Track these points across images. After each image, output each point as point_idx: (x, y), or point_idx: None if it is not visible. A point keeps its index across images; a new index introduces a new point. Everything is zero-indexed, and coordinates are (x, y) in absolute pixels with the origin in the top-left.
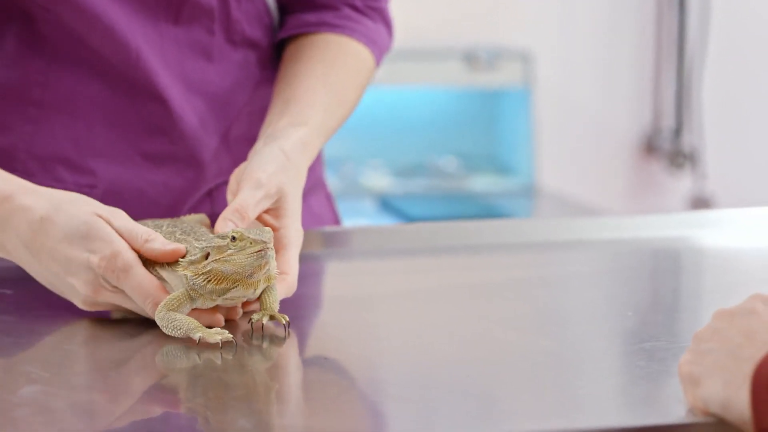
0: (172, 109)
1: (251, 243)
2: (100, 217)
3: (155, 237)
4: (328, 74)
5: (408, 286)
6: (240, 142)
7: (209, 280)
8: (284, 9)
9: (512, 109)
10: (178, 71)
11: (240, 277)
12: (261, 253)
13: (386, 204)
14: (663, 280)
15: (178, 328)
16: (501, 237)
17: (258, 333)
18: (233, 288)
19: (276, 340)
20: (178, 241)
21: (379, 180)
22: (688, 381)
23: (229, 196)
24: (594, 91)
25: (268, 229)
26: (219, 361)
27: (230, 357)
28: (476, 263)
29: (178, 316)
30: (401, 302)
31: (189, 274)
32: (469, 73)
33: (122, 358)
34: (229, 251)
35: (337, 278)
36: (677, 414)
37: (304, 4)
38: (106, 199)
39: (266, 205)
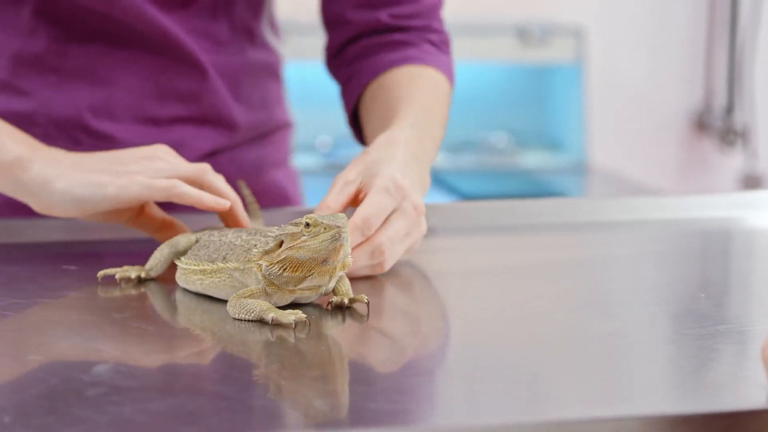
0: (207, 73)
1: (325, 228)
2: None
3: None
4: (413, 94)
5: (462, 265)
6: (256, 104)
7: (284, 268)
8: (362, 54)
9: (564, 86)
10: (203, 43)
11: (315, 264)
12: (336, 236)
13: (437, 179)
14: (719, 262)
15: (251, 311)
16: (549, 216)
17: (336, 312)
18: (309, 276)
19: (353, 319)
20: (246, 241)
21: None
22: None
23: (342, 185)
24: (645, 68)
25: (342, 214)
26: (293, 339)
27: (303, 336)
28: (530, 242)
29: (251, 300)
30: (452, 281)
31: (264, 263)
32: (521, 48)
33: (193, 333)
34: (303, 237)
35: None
36: (758, 399)
37: (385, 45)
38: None
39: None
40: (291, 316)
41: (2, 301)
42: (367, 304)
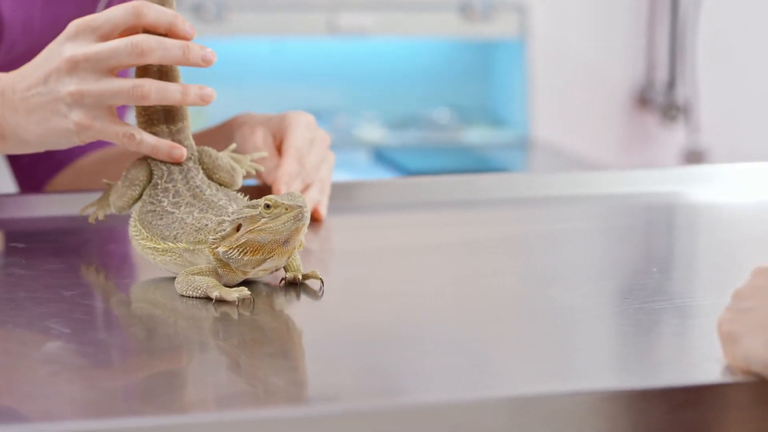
0: None
1: (287, 209)
2: None
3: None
4: None
5: (404, 240)
6: None
7: (245, 252)
8: None
9: (507, 61)
10: None
11: (277, 245)
12: (298, 215)
13: (380, 156)
14: (664, 236)
15: (197, 288)
16: (496, 191)
17: (289, 288)
18: (269, 257)
19: (306, 295)
20: (197, 219)
21: (373, 132)
22: (728, 340)
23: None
24: (588, 44)
25: (299, 193)
26: (236, 316)
27: (247, 314)
28: (473, 218)
29: (198, 277)
30: (397, 257)
31: (222, 249)
32: (464, 23)
33: (145, 310)
34: (263, 219)
35: (339, 232)
36: (715, 373)
37: None
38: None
39: None
40: (234, 293)
41: None
42: (321, 280)
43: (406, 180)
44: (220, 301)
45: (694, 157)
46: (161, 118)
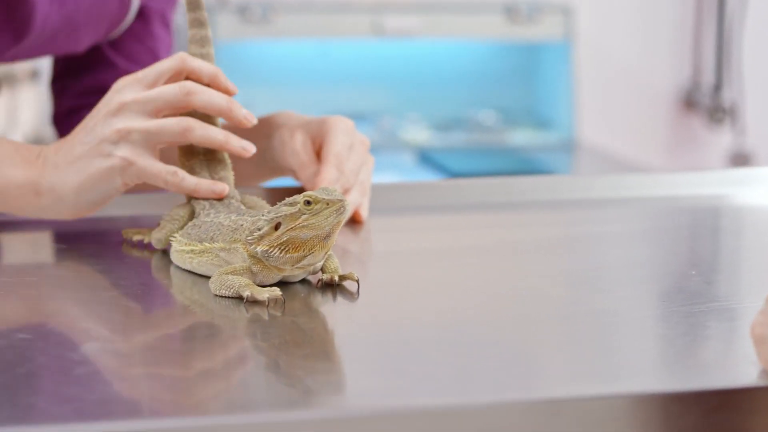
0: None
1: (327, 204)
2: None
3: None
4: None
5: (445, 242)
6: None
7: (286, 250)
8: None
9: (552, 63)
10: None
11: (318, 240)
12: (339, 209)
13: (425, 158)
14: (709, 239)
15: (230, 287)
16: (538, 194)
17: (326, 290)
18: (311, 253)
19: (343, 297)
20: (233, 221)
21: (418, 133)
22: (760, 343)
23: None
24: (633, 46)
25: (334, 188)
26: (266, 317)
27: (279, 314)
28: (515, 220)
29: (232, 276)
30: (440, 259)
31: (261, 248)
32: (509, 26)
33: (182, 311)
34: (304, 216)
35: (379, 234)
36: (752, 376)
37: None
38: None
39: None
40: (266, 293)
41: None
42: (357, 281)
43: (450, 182)
44: (252, 301)
45: (740, 159)
46: (204, 167)
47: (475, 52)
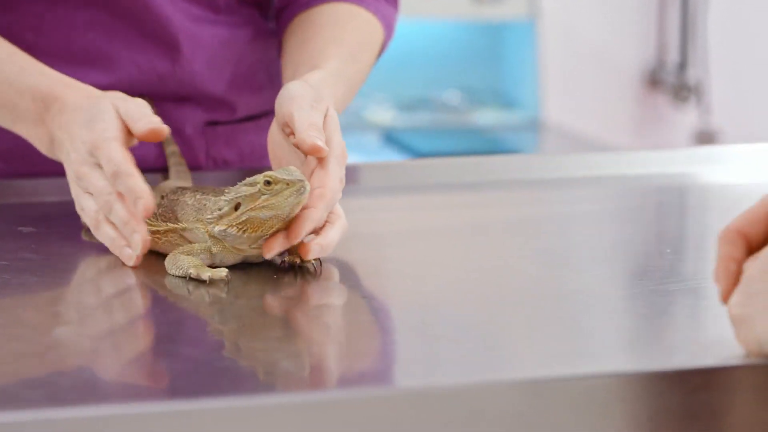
0: (182, 54)
1: (288, 184)
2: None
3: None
4: (340, 35)
5: (415, 223)
6: (243, 88)
7: (245, 230)
8: None
9: (517, 43)
10: (187, 18)
11: (278, 221)
12: (300, 189)
13: (390, 138)
14: (676, 218)
15: (180, 267)
16: (507, 173)
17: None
18: (269, 234)
19: (310, 279)
20: (198, 201)
21: (383, 114)
22: (739, 323)
23: (277, 127)
24: (598, 25)
25: (294, 168)
26: (208, 299)
27: (224, 295)
28: (483, 200)
29: (183, 256)
30: (408, 239)
31: (220, 227)
32: (474, 5)
33: (153, 293)
34: (264, 197)
35: (346, 215)
36: (726, 356)
37: None
38: None
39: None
40: (208, 272)
41: None
42: (319, 261)
43: (416, 162)
44: (197, 280)
45: (705, 137)
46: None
47: (439, 31)
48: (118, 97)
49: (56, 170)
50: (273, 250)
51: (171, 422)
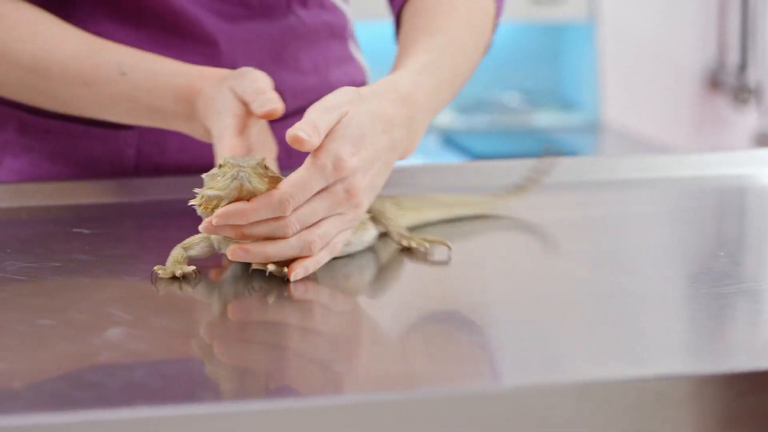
0: (221, 51)
1: (230, 167)
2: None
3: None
4: (438, 21)
5: (474, 224)
6: (298, 93)
7: (204, 208)
8: None
9: (576, 44)
10: (220, 18)
11: (221, 202)
12: (234, 174)
13: (449, 140)
14: (735, 220)
15: (168, 263)
16: (564, 175)
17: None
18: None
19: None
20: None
21: (442, 116)
22: None
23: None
24: (658, 26)
25: (258, 156)
26: (271, 299)
27: (191, 288)
28: (541, 202)
29: (174, 250)
30: (464, 240)
31: (194, 203)
32: (534, 6)
33: (204, 295)
34: (218, 177)
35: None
36: None
37: None
38: (146, 146)
39: (333, 119)
40: (177, 270)
41: (13, 265)
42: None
43: (474, 164)
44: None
45: (765, 140)
46: None
47: (499, 33)
48: (234, 77)
49: (111, 172)
50: (236, 257)
51: (221, 424)
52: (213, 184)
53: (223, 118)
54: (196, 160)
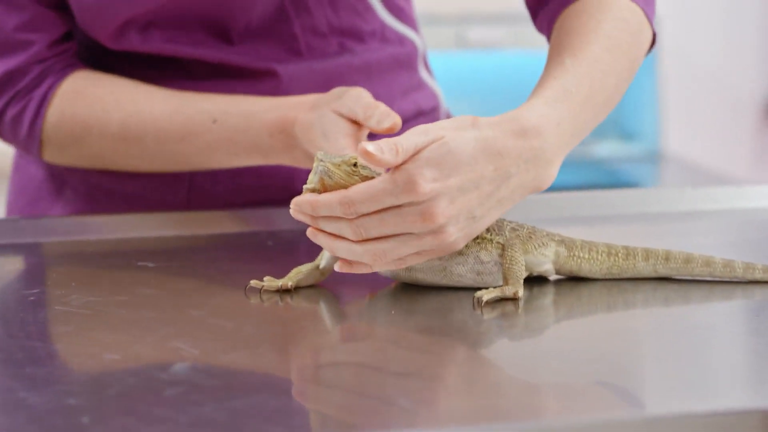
0: (281, 87)
1: (316, 162)
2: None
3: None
4: (580, 41)
5: None
6: None
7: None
8: None
9: (637, 74)
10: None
11: (313, 191)
12: (315, 168)
13: None
14: None
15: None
16: (624, 207)
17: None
18: None
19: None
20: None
21: None
22: None
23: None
24: (719, 56)
25: (348, 155)
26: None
27: (253, 301)
28: (608, 233)
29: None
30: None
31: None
32: None
33: (272, 329)
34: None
35: None
36: None
37: None
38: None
39: (422, 142)
40: (268, 282)
41: (78, 299)
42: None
43: (538, 196)
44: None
45: None
46: None
47: None
48: (333, 99)
49: (163, 205)
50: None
51: None
52: (311, 176)
53: (337, 140)
54: (244, 192)
